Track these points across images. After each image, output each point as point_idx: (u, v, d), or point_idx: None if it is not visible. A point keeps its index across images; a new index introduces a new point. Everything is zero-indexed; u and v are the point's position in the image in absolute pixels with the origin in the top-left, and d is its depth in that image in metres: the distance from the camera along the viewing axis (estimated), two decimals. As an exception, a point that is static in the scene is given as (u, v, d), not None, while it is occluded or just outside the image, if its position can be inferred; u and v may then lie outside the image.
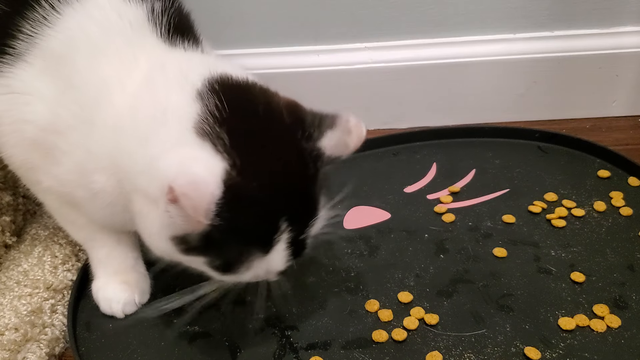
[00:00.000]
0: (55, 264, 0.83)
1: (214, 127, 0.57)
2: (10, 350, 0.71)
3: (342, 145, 0.61)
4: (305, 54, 1.10)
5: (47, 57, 0.66)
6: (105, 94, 0.64)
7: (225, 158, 0.56)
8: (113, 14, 0.67)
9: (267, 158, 0.58)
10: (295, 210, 0.60)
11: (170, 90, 0.61)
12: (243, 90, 0.62)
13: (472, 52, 1.08)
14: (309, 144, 0.60)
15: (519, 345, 0.70)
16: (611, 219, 0.87)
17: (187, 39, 0.70)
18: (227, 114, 0.58)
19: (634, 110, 1.13)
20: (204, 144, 0.56)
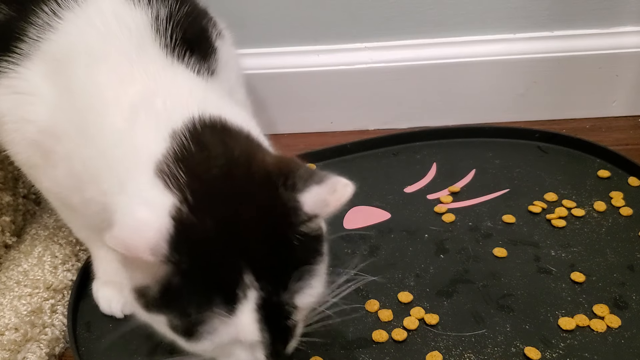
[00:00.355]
0: (55, 264, 0.83)
1: (171, 164, 0.54)
2: (10, 350, 0.71)
3: (322, 203, 0.53)
4: (305, 54, 1.10)
5: (48, 61, 0.66)
6: (95, 105, 0.62)
7: (175, 194, 0.52)
8: (113, 20, 0.66)
9: (228, 198, 0.53)
10: (263, 263, 0.52)
11: (149, 125, 0.59)
12: (223, 134, 0.58)
13: (472, 52, 1.08)
14: (288, 193, 0.53)
15: (519, 345, 0.70)
16: (611, 219, 0.87)
17: (193, 54, 0.67)
18: (189, 153, 0.55)
19: (634, 110, 1.13)
20: (156, 182, 0.53)
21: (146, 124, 0.59)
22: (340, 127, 1.15)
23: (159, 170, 0.54)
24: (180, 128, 0.57)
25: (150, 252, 0.49)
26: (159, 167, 0.54)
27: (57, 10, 0.66)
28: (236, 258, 0.52)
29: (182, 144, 0.55)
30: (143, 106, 0.60)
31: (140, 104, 0.60)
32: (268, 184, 0.54)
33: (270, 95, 1.12)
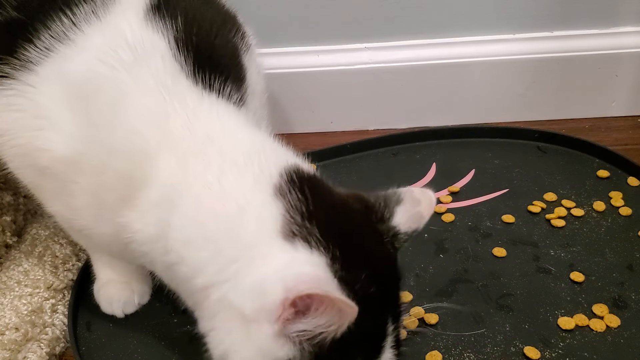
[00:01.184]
0: (56, 264, 0.83)
1: (304, 224, 0.52)
2: (11, 350, 0.71)
3: (417, 217, 0.57)
4: (305, 54, 1.10)
5: (63, 84, 0.60)
6: (142, 152, 0.57)
7: (323, 253, 0.50)
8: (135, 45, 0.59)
9: (361, 249, 0.54)
10: (396, 305, 0.56)
11: (244, 182, 0.55)
12: (317, 182, 0.57)
13: (472, 52, 1.08)
14: (384, 225, 0.56)
15: (518, 345, 0.71)
16: (610, 219, 0.87)
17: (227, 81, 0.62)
18: (312, 209, 0.53)
19: (634, 110, 1.14)
20: (296, 245, 0.51)
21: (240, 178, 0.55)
22: (340, 127, 1.15)
23: (292, 232, 0.51)
24: (281, 184, 0.54)
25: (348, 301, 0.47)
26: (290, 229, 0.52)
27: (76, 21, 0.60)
28: (386, 311, 0.54)
29: (299, 200, 0.53)
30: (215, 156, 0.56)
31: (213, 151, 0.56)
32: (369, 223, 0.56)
33: (270, 96, 1.12)
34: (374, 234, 0.56)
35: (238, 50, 0.68)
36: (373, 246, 0.55)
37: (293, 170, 0.56)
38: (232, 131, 0.59)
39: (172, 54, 0.60)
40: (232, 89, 0.62)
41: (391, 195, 0.58)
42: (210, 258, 0.54)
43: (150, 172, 0.57)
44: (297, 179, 0.55)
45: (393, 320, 0.54)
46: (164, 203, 0.56)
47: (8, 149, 0.64)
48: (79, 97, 0.60)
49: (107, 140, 0.59)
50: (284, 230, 0.52)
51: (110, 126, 0.59)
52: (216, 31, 0.66)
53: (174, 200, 0.56)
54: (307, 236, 0.51)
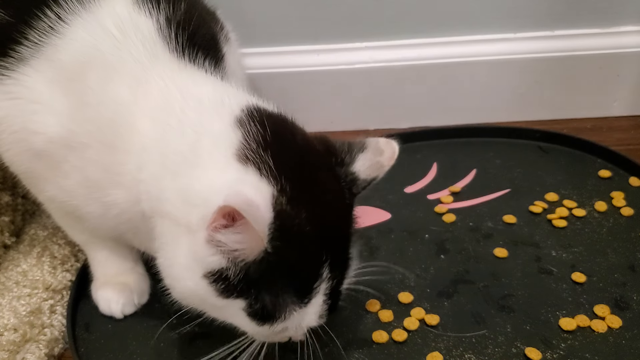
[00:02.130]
0: (54, 265, 0.83)
1: (258, 152, 0.55)
2: (9, 351, 0.71)
3: (376, 166, 0.60)
4: (305, 54, 1.09)
5: (55, 68, 0.63)
6: (124, 118, 0.62)
7: (272, 182, 0.53)
8: (122, 27, 0.64)
9: (312, 188, 0.56)
10: (337, 254, 0.57)
11: (204, 115, 0.59)
12: (281, 120, 0.61)
13: (472, 52, 1.08)
14: (343, 169, 0.59)
15: (519, 346, 0.70)
16: (612, 219, 0.86)
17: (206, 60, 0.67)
18: (269, 141, 0.56)
19: (635, 110, 1.13)
20: (248, 169, 0.54)
21: (202, 112, 0.59)
22: (340, 127, 1.15)
23: (245, 156, 0.55)
24: (242, 117, 0.58)
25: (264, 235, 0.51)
26: (243, 154, 0.55)
27: (62, 14, 0.64)
28: (321, 253, 0.55)
29: (258, 131, 0.56)
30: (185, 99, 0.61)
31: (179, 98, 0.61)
32: (327, 165, 0.58)
33: (270, 95, 1.11)
34: (330, 176, 0.58)
35: (217, 37, 0.72)
36: (326, 188, 0.57)
37: (255, 108, 0.60)
38: (203, 85, 0.64)
39: (158, 34, 0.64)
40: (211, 65, 0.67)
41: (356, 143, 0.60)
42: (170, 183, 0.58)
43: (131, 139, 0.61)
44: (258, 114, 0.58)
45: (332, 267, 0.55)
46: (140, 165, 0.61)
47: (7, 136, 0.67)
48: (70, 79, 0.63)
49: (95, 116, 0.62)
50: (238, 154, 0.55)
51: (97, 102, 0.62)
52: (201, 18, 0.70)
53: (146, 157, 0.60)
54: (260, 163, 0.54)
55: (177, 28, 0.65)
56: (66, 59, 0.63)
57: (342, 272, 0.58)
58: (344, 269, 0.58)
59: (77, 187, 0.66)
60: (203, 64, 0.66)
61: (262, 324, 0.56)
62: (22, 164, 0.69)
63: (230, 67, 0.73)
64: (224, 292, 0.55)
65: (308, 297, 0.55)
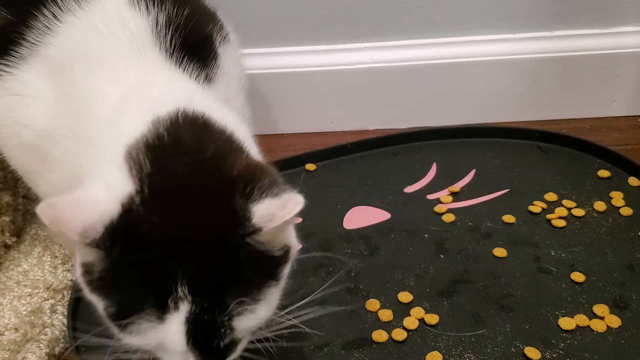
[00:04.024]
0: (55, 264, 0.83)
1: (140, 152, 0.53)
2: (10, 351, 0.71)
3: (269, 217, 0.50)
4: (305, 54, 1.10)
5: (47, 64, 0.65)
6: (99, 110, 0.61)
7: (135, 183, 0.51)
8: (114, 25, 0.65)
9: (184, 198, 0.51)
10: (200, 278, 0.50)
11: (132, 111, 0.58)
12: (202, 131, 0.56)
13: (472, 52, 1.08)
14: (242, 201, 0.51)
15: (519, 346, 0.70)
16: (611, 219, 0.87)
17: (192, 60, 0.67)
18: (161, 144, 0.54)
19: (634, 110, 1.13)
20: (122, 167, 0.52)
21: (131, 110, 0.59)
22: (340, 127, 1.15)
23: (128, 155, 0.53)
24: (162, 117, 0.56)
25: (79, 230, 0.47)
26: (129, 151, 0.53)
27: (58, 13, 0.65)
28: (174, 265, 0.49)
29: (158, 132, 0.54)
30: (133, 95, 0.60)
31: (131, 94, 0.61)
32: (227, 189, 0.52)
33: (270, 95, 1.12)
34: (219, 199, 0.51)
35: (212, 38, 0.72)
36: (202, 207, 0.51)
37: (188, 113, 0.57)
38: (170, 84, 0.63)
39: (149, 32, 0.65)
40: (198, 66, 0.67)
41: (277, 187, 0.52)
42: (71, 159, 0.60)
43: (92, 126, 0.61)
44: (182, 120, 0.56)
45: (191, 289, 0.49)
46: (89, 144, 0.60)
47: (4, 130, 0.68)
48: (58, 73, 0.65)
49: (74, 107, 0.63)
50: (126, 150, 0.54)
51: (77, 94, 0.63)
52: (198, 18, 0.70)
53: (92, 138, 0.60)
54: (135, 164, 0.52)
55: (174, 30, 0.66)
56: (57, 55, 0.65)
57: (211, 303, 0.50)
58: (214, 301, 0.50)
59: (60, 181, 0.66)
60: (188, 66, 0.66)
61: (120, 330, 0.52)
62: (17, 158, 0.71)
63: (224, 68, 0.72)
64: (89, 285, 0.52)
65: (163, 312, 0.49)
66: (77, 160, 0.62)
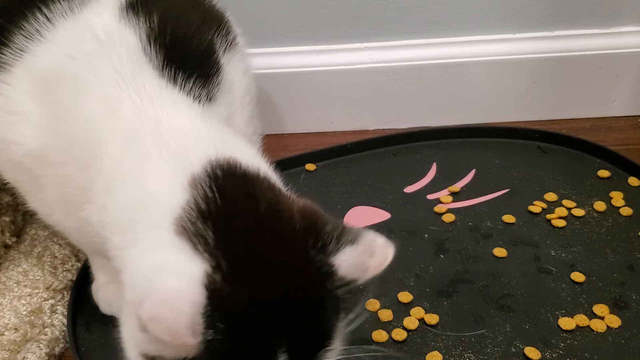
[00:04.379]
0: (55, 264, 0.83)
1: (197, 222, 0.48)
2: (10, 351, 0.71)
3: (361, 267, 0.49)
4: (305, 54, 1.10)
5: (33, 78, 0.61)
6: (94, 137, 0.58)
7: (207, 259, 0.46)
8: (103, 38, 0.60)
9: (262, 264, 0.48)
10: (297, 343, 0.48)
11: (161, 170, 0.53)
12: (245, 183, 0.52)
13: (472, 52, 1.08)
14: (320, 256, 0.49)
15: (519, 346, 0.70)
16: (611, 219, 0.87)
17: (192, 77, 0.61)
18: (215, 208, 0.49)
19: (634, 110, 1.13)
20: (182, 244, 0.47)
21: (160, 165, 0.53)
22: (340, 127, 1.15)
23: (183, 228, 0.48)
24: (200, 175, 0.51)
25: (191, 333, 0.43)
26: (181, 224, 0.48)
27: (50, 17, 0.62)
28: (272, 337, 0.47)
29: (206, 196, 0.49)
30: (150, 141, 0.55)
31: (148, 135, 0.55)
32: (298, 248, 0.49)
33: (270, 95, 1.12)
34: (297, 258, 0.49)
35: (215, 48, 0.67)
36: (283, 270, 0.48)
37: (220, 163, 0.52)
38: (178, 118, 0.58)
39: (141, 47, 0.60)
40: (197, 85, 0.62)
41: (349, 231, 0.50)
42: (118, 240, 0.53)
43: (101, 160, 0.57)
44: (219, 172, 0.51)
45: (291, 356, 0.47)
46: (105, 190, 0.57)
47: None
48: (45, 90, 0.61)
49: (69, 131, 0.59)
50: (177, 223, 0.48)
51: (70, 117, 0.59)
52: (192, 29, 0.65)
53: (110, 186, 0.56)
54: (195, 237, 0.47)
55: (163, 43, 0.61)
56: (42, 67, 0.61)
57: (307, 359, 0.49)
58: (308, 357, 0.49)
59: (54, 202, 0.64)
60: (185, 84, 0.61)
61: None
62: (7, 174, 0.68)
63: (228, 81, 0.67)
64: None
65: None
66: (80, 186, 0.59)
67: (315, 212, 0.52)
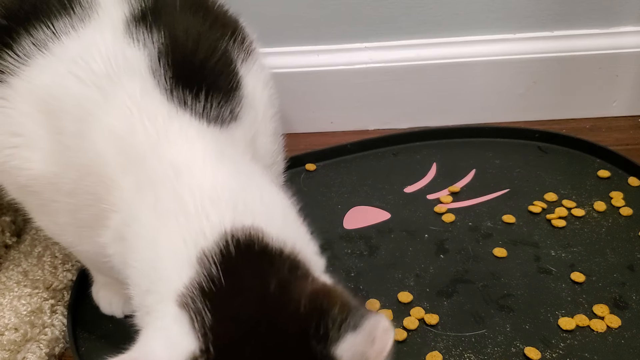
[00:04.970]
0: (55, 264, 0.83)
1: (197, 300, 0.46)
2: (10, 351, 0.71)
3: (360, 357, 0.45)
4: (305, 54, 1.10)
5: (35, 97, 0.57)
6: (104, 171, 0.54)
7: (198, 339, 0.45)
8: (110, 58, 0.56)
9: (254, 353, 0.45)
10: None
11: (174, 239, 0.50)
12: (261, 259, 0.49)
13: (472, 52, 1.08)
14: (321, 347, 0.45)
15: (519, 346, 0.70)
16: (611, 219, 0.87)
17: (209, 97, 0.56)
18: (218, 288, 0.47)
19: (634, 110, 1.13)
20: (182, 318, 0.46)
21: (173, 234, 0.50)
22: (340, 127, 1.15)
23: (184, 304, 0.46)
24: (210, 249, 0.48)
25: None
26: (183, 301, 0.47)
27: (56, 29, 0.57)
28: None
29: (211, 273, 0.47)
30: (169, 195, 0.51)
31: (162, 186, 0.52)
32: (299, 334, 0.45)
33: (270, 95, 1.12)
34: (295, 349, 0.45)
35: (232, 59, 0.62)
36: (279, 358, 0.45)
37: (238, 236, 0.49)
38: (198, 166, 0.53)
39: (149, 68, 0.56)
40: (217, 104, 0.57)
41: (352, 315, 0.46)
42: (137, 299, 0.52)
43: (115, 196, 0.54)
44: (234, 249, 0.48)
45: None
46: (122, 230, 0.54)
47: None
48: (49, 114, 0.57)
49: (77, 162, 0.56)
50: (180, 298, 0.47)
51: (77, 147, 0.55)
52: (203, 42, 0.60)
53: (126, 229, 0.54)
54: (195, 314, 0.46)
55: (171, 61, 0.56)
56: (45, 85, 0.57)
57: None
58: None
59: (68, 225, 0.61)
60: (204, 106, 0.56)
61: None
62: (12, 193, 0.64)
63: (250, 93, 0.62)
64: None
65: None
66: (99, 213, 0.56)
67: (327, 293, 0.48)
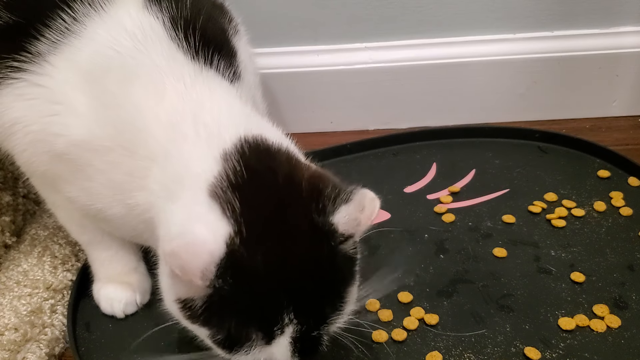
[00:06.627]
0: (55, 264, 0.83)
1: (227, 191, 0.55)
2: (10, 351, 0.71)
3: (353, 222, 0.56)
4: (305, 54, 1.10)
5: (75, 70, 0.63)
6: (142, 123, 0.61)
7: (232, 223, 0.53)
8: (139, 28, 0.64)
9: (276, 233, 0.55)
10: (304, 301, 0.55)
11: (198, 145, 0.59)
12: (267, 156, 0.59)
13: (472, 52, 1.08)
14: (322, 218, 0.56)
15: (519, 346, 0.70)
16: (611, 219, 0.87)
17: (219, 58, 0.66)
18: (243, 180, 0.56)
19: (634, 110, 1.13)
20: (214, 206, 0.54)
21: (197, 141, 0.59)
22: (340, 127, 1.15)
23: (214, 193, 0.55)
24: (230, 150, 0.58)
25: (200, 275, 0.51)
26: (213, 190, 0.55)
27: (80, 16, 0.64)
28: (279, 297, 0.54)
29: (235, 169, 0.56)
30: (190, 120, 0.60)
31: (185, 118, 0.61)
32: (305, 212, 0.56)
33: (270, 95, 1.12)
34: (305, 222, 0.56)
35: (227, 31, 0.72)
36: (294, 234, 0.55)
37: (247, 139, 0.59)
38: (216, 99, 0.63)
39: (168, 35, 0.64)
40: (225, 65, 0.67)
41: (343, 191, 0.58)
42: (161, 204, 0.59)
43: (147, 143, 0.61)
44: (246, 147, 0.58)
45: (297, 313, 0.54)
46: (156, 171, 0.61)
47: (22, 136, 0.66)
48: (90, 81, 0.63)
49: (116, 118, 0.62)
50: (210, 189, 0.55)
51: (118, 104, 0.62)
52: (208, 12, 0.69)
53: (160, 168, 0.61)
54: (225, 203, 0.54)
55: (185, 27, 0.65)
56: (85, 60, 0.64)
57: (314, 319, 0.56)
58: (316, 317, 0.56)
59: (101, 189, 0.65)
60: (217, 66, 0.66)
61: (227, 353, 0.57)
62: (40, 165, 0.68)
63: (243, 63, 0.71)
64: (191, 318, 0.57)
65: (270, 339, 0.55)
66: (130, 171, 0.63)
67: (320, 177, 0.59)
